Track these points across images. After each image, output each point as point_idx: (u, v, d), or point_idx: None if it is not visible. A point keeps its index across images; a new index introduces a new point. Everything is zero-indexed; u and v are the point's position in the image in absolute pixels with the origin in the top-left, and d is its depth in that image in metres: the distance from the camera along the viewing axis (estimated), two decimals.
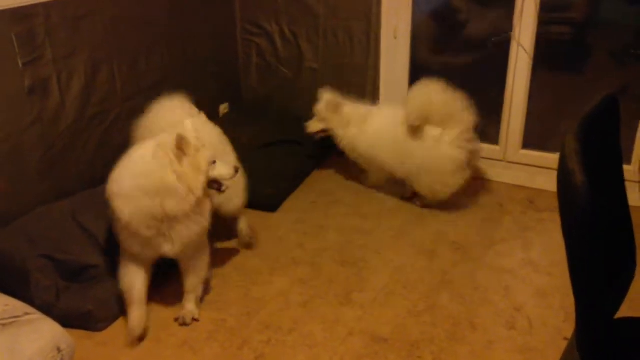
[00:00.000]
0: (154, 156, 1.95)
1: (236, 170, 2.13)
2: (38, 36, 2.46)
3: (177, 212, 1.97)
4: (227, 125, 3.46)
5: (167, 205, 1.94)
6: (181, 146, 1.92)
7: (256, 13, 3.59)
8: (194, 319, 2.24)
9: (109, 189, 2.01)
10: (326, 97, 3.10)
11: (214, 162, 2.04)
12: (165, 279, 2.44)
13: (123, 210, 1.96)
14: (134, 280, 2.14)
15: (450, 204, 3.03)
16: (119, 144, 2.90)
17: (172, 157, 1.93)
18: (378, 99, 3.43)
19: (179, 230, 2.03)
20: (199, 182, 1.97)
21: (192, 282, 2.25)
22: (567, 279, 1.21)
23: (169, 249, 2.07)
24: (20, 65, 2.40)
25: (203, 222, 2.08)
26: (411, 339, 2.13)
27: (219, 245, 2.74)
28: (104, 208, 2.48)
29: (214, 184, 2.08)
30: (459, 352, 2.07)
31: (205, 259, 2.26)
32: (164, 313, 2.28)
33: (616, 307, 1.35)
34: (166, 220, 1.98)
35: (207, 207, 2.08)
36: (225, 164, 2.12)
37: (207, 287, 2.37)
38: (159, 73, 3.13)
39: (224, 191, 2.12)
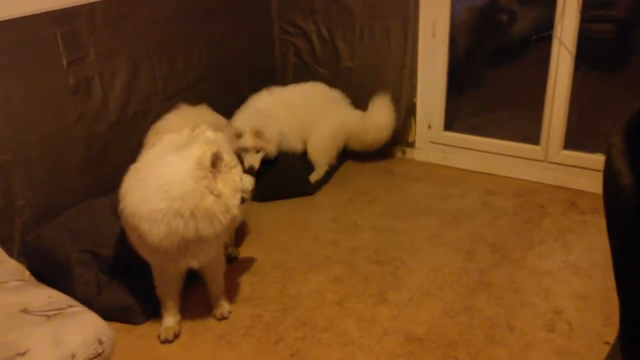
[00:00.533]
0: (192, 177, 1.84)
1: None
2: (82, 36, 2.52)
3: (211, 234, 1.91)
4: None
5: (203, 228, 1.88)
6: (217, 164, 1.86)
7: (293, 12, 3.61)
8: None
9: (133, 209, 1.90)
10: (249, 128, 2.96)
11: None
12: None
13: (153, 232, 1.88)
14: (166, 288, 2.17)
15: (488, 205, 3.00)
16: None
17: (210, 177, 1.85)
18: (415, 97, 3.41)
19: (206, 248, 2.01)
20: (236, 200, 1.92)
21: (216, 289, 2.29)
22: (607, 282, 1.19)
23: (194, 263, 2.05)
24: (65, 65, 2.47)
25: (226, 236, 2.07)
26: (447, 340, 2.11)
27: (256, 242, 2.77)
28: None
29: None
30: (496, 354, 2.04)
31: (221, 261, 2.28)
32: (201, 307, 2.32)
33: None
34: (198, 241, 1.93)
35: (232, 223, 2.05)
36: (247, 176, 2.08)
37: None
38: (197, 72, 3.17)
39: (244, 202, 2.04)
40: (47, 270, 2.29)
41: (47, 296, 1.83)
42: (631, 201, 1.07)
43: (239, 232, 2.80)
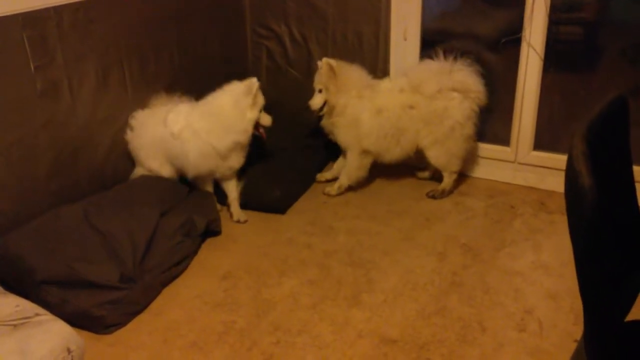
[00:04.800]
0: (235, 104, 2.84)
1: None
2: (50, 39, 2.48)
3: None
4: None
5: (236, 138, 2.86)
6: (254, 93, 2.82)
7: (266, 15, 3.60)
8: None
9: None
10: (326, 60, 2.99)
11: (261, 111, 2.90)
12: (176, 281, 2.47)
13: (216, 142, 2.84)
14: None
15: (460, 206, 3.03)
16: (129, 147, 2.95)
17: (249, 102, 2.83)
18: None
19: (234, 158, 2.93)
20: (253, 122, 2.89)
21: (234, 189, 3.02)
22: (577, 281, 1.20)
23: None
24: (32, 69, 2.43)
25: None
26: (420, 341, 2.12)
27: (230, 247, 2.75)
28: (117, 209, 2.53)
29: (259, 128, 2.94)
30: (469, 355, 2.06)
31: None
32: (173, 314, 2.30)
33: (626, 310, 1.34)
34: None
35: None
36: (266, 115, 2.94)
37: None
38: (169, 76, 3.14)
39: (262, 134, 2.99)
40: (14, 278, 2.24)
41: (14, 305, 1.80)
42: (590, 201, 1.09)
43: (212, 235, 2.79)
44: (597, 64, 3.34)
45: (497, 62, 3.36)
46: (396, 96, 3.02)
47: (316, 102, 3.07)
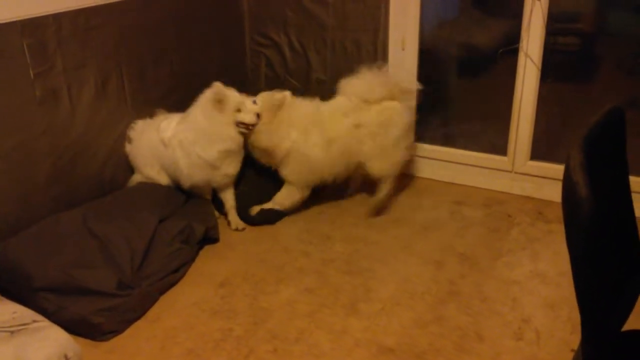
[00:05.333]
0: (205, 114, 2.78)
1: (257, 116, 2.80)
2: (49, 47, 2.49)
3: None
4: None
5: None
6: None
7: (265, 24, 3.62)
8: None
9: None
10: (283, 95, 2.89)
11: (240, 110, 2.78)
12: (174, 288, 2.47)
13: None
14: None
15: (457, 215, 3.04)
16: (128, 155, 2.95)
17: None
18: None
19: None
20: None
21: (231, 197, 3.00)
22: (574, 290, 1.20)
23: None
24: (32, 76, 2.44)
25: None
26: (418, 350, 2.12)
27: (227, 255, 2.75)
28: (115, 215, 2.53)
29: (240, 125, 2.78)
30: None
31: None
32: (171, 321, 2.29)
33: (623, 320, 1.34)
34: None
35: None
36: (249, 112, 2.79)
37: None
38: (168, 83, 3.16)
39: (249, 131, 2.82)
40: (11, 284, 2.24)
41: (11, 312, 1.80)
42: (587, 211, 1.10)
43: (209, 242, 2.79)
44: (594, 74, 3.36)
45: (494, 72, 3.39)
46: (342, 121, 2.93)
47: (248, 117, 2.78)
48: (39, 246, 2.32)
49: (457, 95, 3.75)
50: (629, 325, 1.34)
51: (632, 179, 1.46)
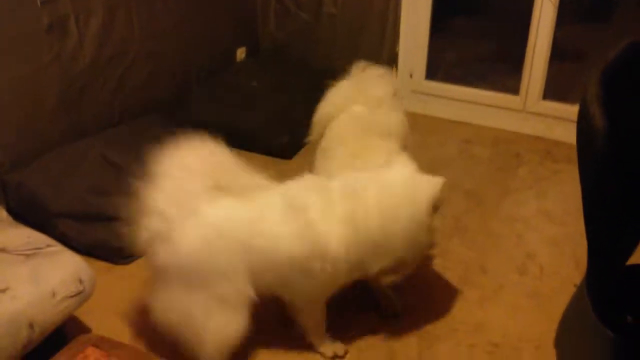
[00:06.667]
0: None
1: None
2: None
3: None
4: (242, 73, 3.45)
5: None
6: None
7: None
8: None
9: None
10: None
11: None
12: None
13: None
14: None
15: (465, 153, 3.03)
16: (137, 85, 2.94)
17: None
18: (397, 45, 3.37)
19: None
20: None
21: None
22: (579, 229, 1.21)
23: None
24: (39, 3, 2.39)
25: None
26: (424, 282, 2.16)
27: None
28: (129, 143, 2.51)
29: None
30: (469, 295, 2.11)
31: None
32: None
33: (628, 255, 1.36)
34: None
35: None
36: None
37: None
38: (176, 15, 3.10)
39: None
40: (30, 212, 2.28)
41: (25, 236, 1.83)
42: (603, 143, 1.09)
43: None
44: (611, 14, 3.28)
45: (510, 10, 3.31)
46: None
47: None
48: (56, 174, 2.34)
49: (471, 33, 3.68)
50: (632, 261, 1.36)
51: None
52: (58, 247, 1.82)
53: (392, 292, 2.05)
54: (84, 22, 2.60)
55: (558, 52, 3.08)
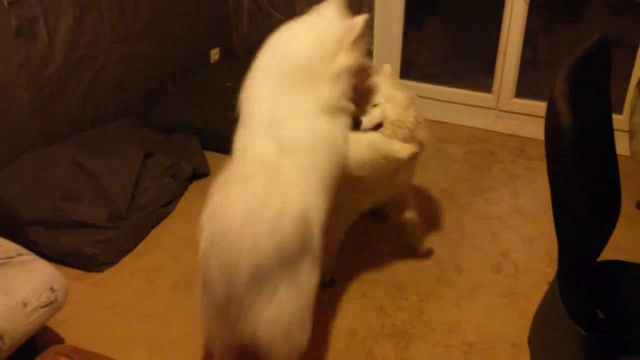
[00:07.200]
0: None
1: None
2: None
3: None
4: (216, 74, 3.43)
5: None
6: None
7: None
8: None
9: None
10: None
11: None
12: (159, 225, 2.48)
13: None
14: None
15: (439, 152, 3.05)
16: (109, 88, 2.90)
17: None
18: (372, 44, 3.37)
19: None
20: None
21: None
22: (553, 226, 1.23)
23: None
24: (6, 5, 2.34)
25: None
26: (397, 281, 2.18)
27: None
28: (101, 147, 2.49)
29: None
30: (445, 295, 2.12)
31: None
32: (157, 256, 2.32)
33: (598, 251, 1.38)
34: None
35: None
36: None
37: None
38: (148, 17, 3.06)
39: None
40: (1, 219, 2.23)
41: None
42: (569, 140, 1.11)
43: (197, 178, 2.78)
44: (582, 12, 3.33)
45: (481, 9, 3.34)
46: None
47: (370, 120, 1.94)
48: (27, 180, 2.30)
49: (444, 33, 3.71)
50: (603, 257, 1.38)
51: (614, 117, 1.47)
52: (29, 255, 1.78)
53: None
54: (53, 24, 2.56)
55: (529, 50, 3.12)
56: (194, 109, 3.08)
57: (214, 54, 3.66)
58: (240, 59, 3.68)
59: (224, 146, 2.95)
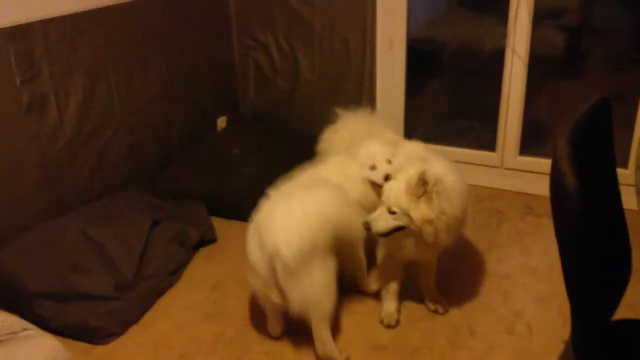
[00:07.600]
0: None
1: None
2: (36, 54, 2.48)
3: None
4: (223, 142, 3.47)
5: None
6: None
7: (253, 26, 3.62)
8: None
9: None
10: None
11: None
12: (165, 294, 2.46)
13: None
14: (394, 272, 2.28)
15: None
16: (118, 158, 2.95)
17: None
18: (375, 107, 3.44)
19: None
20: None
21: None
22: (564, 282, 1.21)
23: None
24: (18, 83, 2.42)
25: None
26: (410, 346, 2.13)
27: (220, 258, 2.74)
28: (108, 217, 2.51)
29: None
30: (459, 358, 2.06)
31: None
32: (163, 325, 2.29)
33: (612, 310, 1.35)
34: None
35: None
36: None
37: None
38: (156, 87, 3.15)
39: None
40: (7, 292, 2.23)
41: (0, 320, 1.79)
42: (575, 201, 1.10)
43: (202, 244, 2.78)
44: (582, 69, 3.38)
45: (482, 68, 3.41)
46: None
47: (381, 225, 2.04)
48: (34, 253, 2.31)
49: (446, 93, 3.77)
50: (619, 317, 1.35)
51: (620, 171, 1.46)
52: (34, 330, 1.78)
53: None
54: (64, 100, 2.63)
55: (531, 107, 3.15)
56: (201, 176, 3.12)
57: (221, 122, 3.73)
58: (246, 126, 3.75)
59: (231, 212, 3.00)
